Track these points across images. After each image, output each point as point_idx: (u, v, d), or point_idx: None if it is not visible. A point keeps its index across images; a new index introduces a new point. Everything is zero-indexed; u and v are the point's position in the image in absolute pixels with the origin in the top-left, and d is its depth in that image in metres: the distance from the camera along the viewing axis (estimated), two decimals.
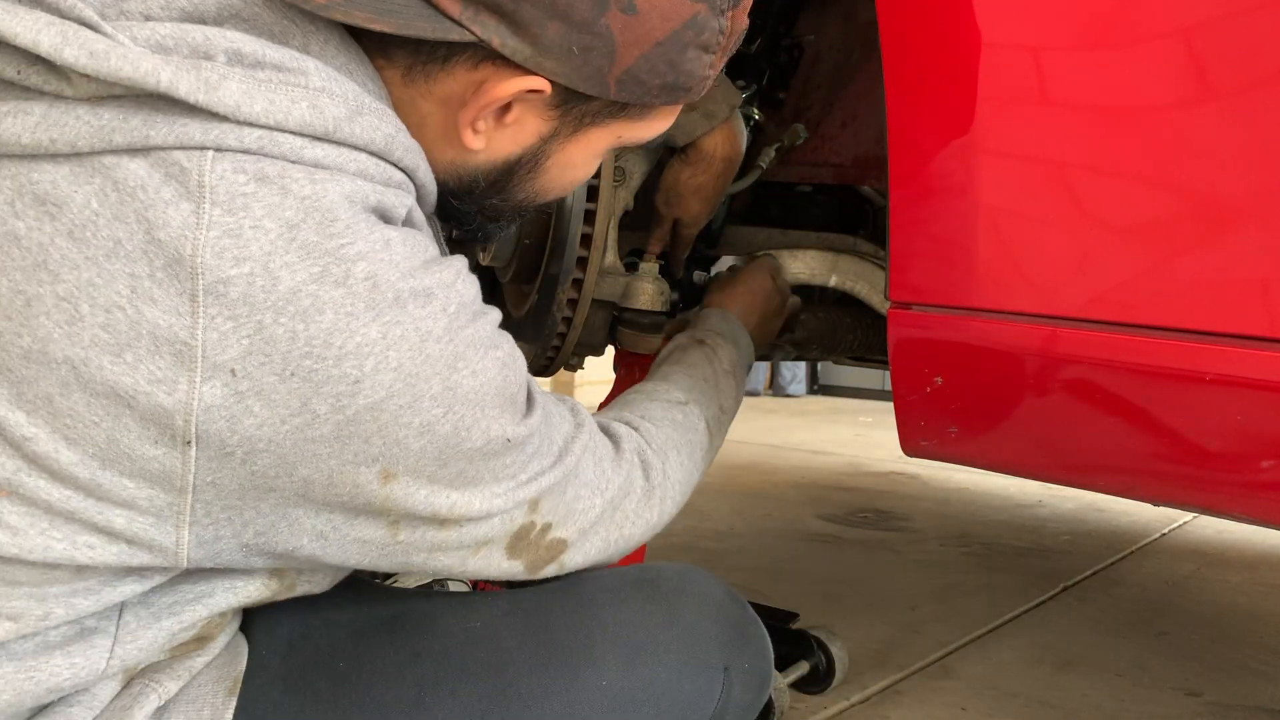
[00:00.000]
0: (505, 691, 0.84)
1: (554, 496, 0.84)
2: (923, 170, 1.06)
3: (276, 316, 0.63)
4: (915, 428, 1.19)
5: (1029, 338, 1.04)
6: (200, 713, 0.79)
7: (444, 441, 0.71)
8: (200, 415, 0.63)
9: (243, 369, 0.63)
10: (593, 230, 1.27)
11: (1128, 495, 1.22)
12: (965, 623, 2.13)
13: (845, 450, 4.60)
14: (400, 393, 0.67)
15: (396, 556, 0.77)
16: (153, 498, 0.66)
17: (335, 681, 0.84)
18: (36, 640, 0.71)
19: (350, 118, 0.68)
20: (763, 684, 0.95)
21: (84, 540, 0.67)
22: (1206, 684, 1.85)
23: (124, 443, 0.64)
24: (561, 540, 0.86)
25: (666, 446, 1.01)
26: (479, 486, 0.76)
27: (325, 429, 0.66)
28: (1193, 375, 0.95)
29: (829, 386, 7.75)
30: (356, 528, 0.73)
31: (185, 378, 0.63)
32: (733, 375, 1.20)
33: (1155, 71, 0.94)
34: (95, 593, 0.71)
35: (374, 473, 0.69)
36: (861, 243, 1.48)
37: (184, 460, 0.65)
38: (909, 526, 3.06)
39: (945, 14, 1.03)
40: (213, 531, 0.69)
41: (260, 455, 0.66)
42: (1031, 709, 1.70)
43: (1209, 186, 0.93)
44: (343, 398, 0.65)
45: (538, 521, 0.83)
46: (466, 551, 0.80)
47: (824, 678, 1.70)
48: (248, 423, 0.64)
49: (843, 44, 1.53)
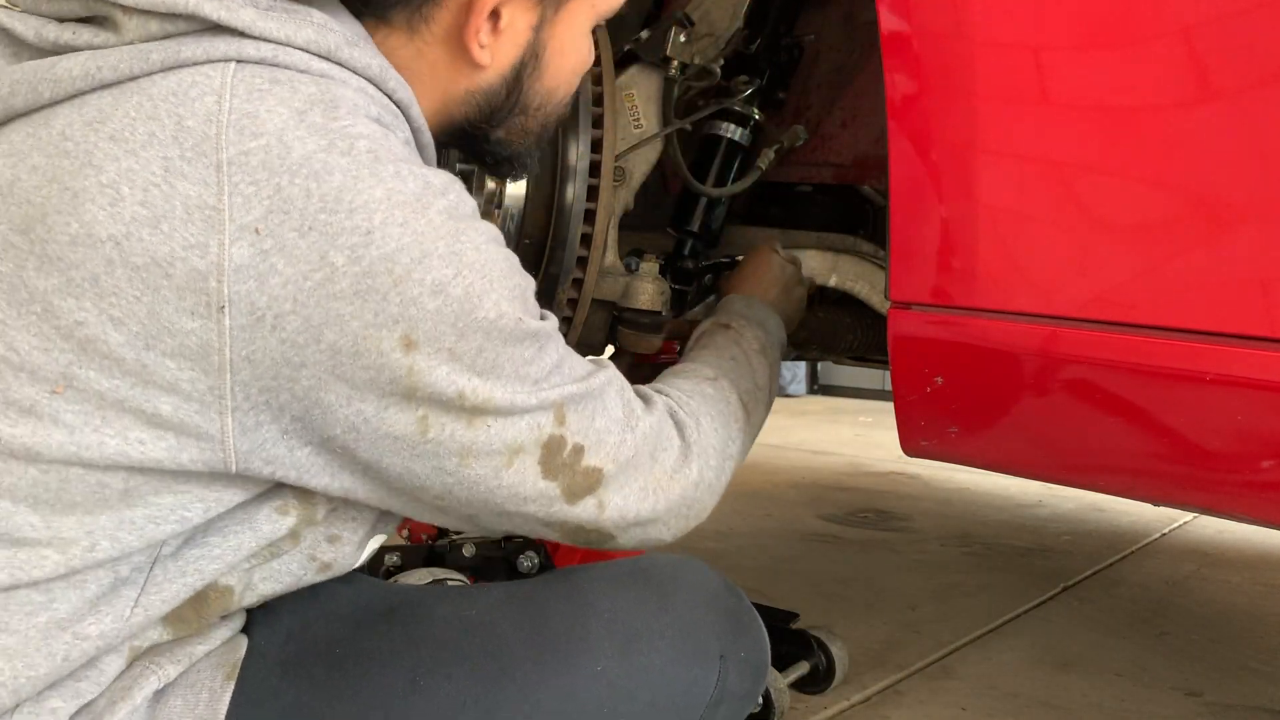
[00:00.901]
0: (500, 677, 0.85)
1: (579, 412, 0.84)
2: (923, 170, 1.06)
3: (292, 179, 0.70)
4: (915, 428, 1.19)
5: (1029, 338, 1.04)
6: (199, 695, 0.81)
7: (458, 305, 0.74)
8: (231, 275, 0.69)
9: (265, 227, 0.69)
10: (593, 230, 1.27)
11: (1128, 495, 1.22)
12: (965, 623, 2.13)
13: (845, 450, 4.60)
14: (409, 247, 0.72)
15: (428, 461, 0.78)
16: (194, 380, 0.71)
17: (331, 667, 0.85)
18: (75, 598, 0.74)
19: (349, 45, 0.78)
20: (759, 674, 0.95)
21: (135, 435, 0.71)
22: (1206, 684, 1.85)
23: (164, 315, 0.69)
24: (597, 470, 0.86)
25: (699, 411, 1.01)
26: (500, 376, 0.78)
27: (344, 284, 0.71)
28: (1193, 375, 0.95)
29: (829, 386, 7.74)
30: (386, 419, 0.75)
31: (215, 240, 0.69)
32: (763, 355, 1.19)
33: (1155, 71, 0.94)
34: (139, 528, 0.74)
35: (395, 338, 0.73)
36: (861, 243, 1.48)
37: (219, 330, 0.70)
38: (909, 526, 3.06)
39: (945, 14, 1.03)
40: (254, 418, 0.73)
41: (288, 319, 0.70)
42: (1031, 709, 1.70)
43: (1209, 186, 0.93)
44: (357, 248, 0.71)
45: (567, 438, 0.83)
46: (499, 461, 0.80)
47: (824, 678, 1.70)
48: (274, 281, 0.70)
49: (843, 44, 1.53)
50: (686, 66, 1.39)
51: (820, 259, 1.46)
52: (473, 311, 0.75)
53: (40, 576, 0.73)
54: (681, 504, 0.94)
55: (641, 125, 1.40)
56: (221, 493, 0.77)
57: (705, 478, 0.97)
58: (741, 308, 1.26)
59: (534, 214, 1.32)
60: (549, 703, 0.84)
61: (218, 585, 0.81)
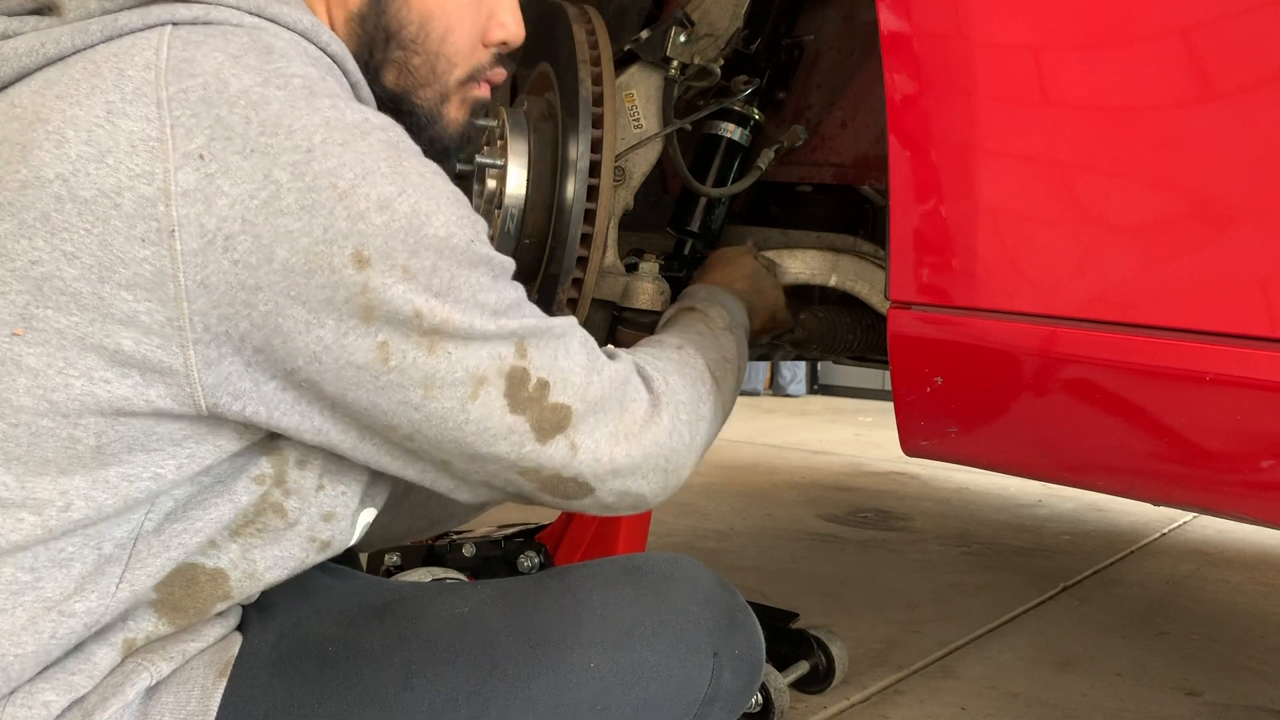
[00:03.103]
0: (492, 673, 0.85)
1: (541, 348, 0.84)
2: (923, 170, 1.06)
3: (231, 109, 0.71)
4: (915, 428, 1.19)
5: (1029, 337, 1.04)
6: (190, 692, 0.81)
7: (406, 221, 0.75)
8: (178, 199, 0.70)
9: (209, 153, 0.71)
10: (593, 230, 1.27)
11: (1127, 495, 1.22)
12: (965, 623, 2.13)
13: (845, 450, 4.60)
14: (351, 163, 0.73)
15: (393, 394, 0.78)
16: (152, 311, 0.71)
17: (324, 664, 0.85)
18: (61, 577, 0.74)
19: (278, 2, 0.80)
20: (754, 671, 0.95)
21: (100, 375, 0.71)
22: (1206, 684, 1.85)
23: (116, 245, 0.70)
24: (565, 407, 0.86)
25: (666, 369, 1.01)
26: (458, 300, 0.78)
27: (290, 199, 0.71)
28: (1193, 375, 0.95)
29: (829, 386, 7.75)
30: (347, 347, 0.75)
31: (160, 167, 0.70)
32: (729, 331, 1.20)
33: (1155, 71, 0.94)
34: (114, 487, 0.74)
35: (347, 254, 0.73)
36: (861, 243, 1.48)
37: (171, 256, 0.70)
38: (909, 526, 3.06)
39: (945, 14, 1.03)
40: (215, 350, 0.73)
41: (238, 239, 0.71)
42: (1031, 709, 1.71)
43: (1209, 186, 0.93)
44: (299, 165, 0.72)
45: (530, 371, 0.83)
46: (464, 391, 0.80)
47: (824, 677, 1.70)
48: (221, 202, 0.70)
49: (843, 44, 1.53)
50: (686, 66, 1.39)
51: (820, 259, 1.46)
52: (421, 228, 0.75)
53: (19, 541, 0.73)
54: (657, 454, 0.94)
55: (641, 125, 1.40)
56: (195, 448, 0.77)
57: (678, 430, 0.96)
58: (704, 294, 1.27)
59: (534, 214, 1.32)
60: (541, 699, 0.84)
61: (207, 568, 0.81)
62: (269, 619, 0.89)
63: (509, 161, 1.31)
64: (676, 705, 0.89)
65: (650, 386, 0.97)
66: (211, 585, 0.82)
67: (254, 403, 0.76)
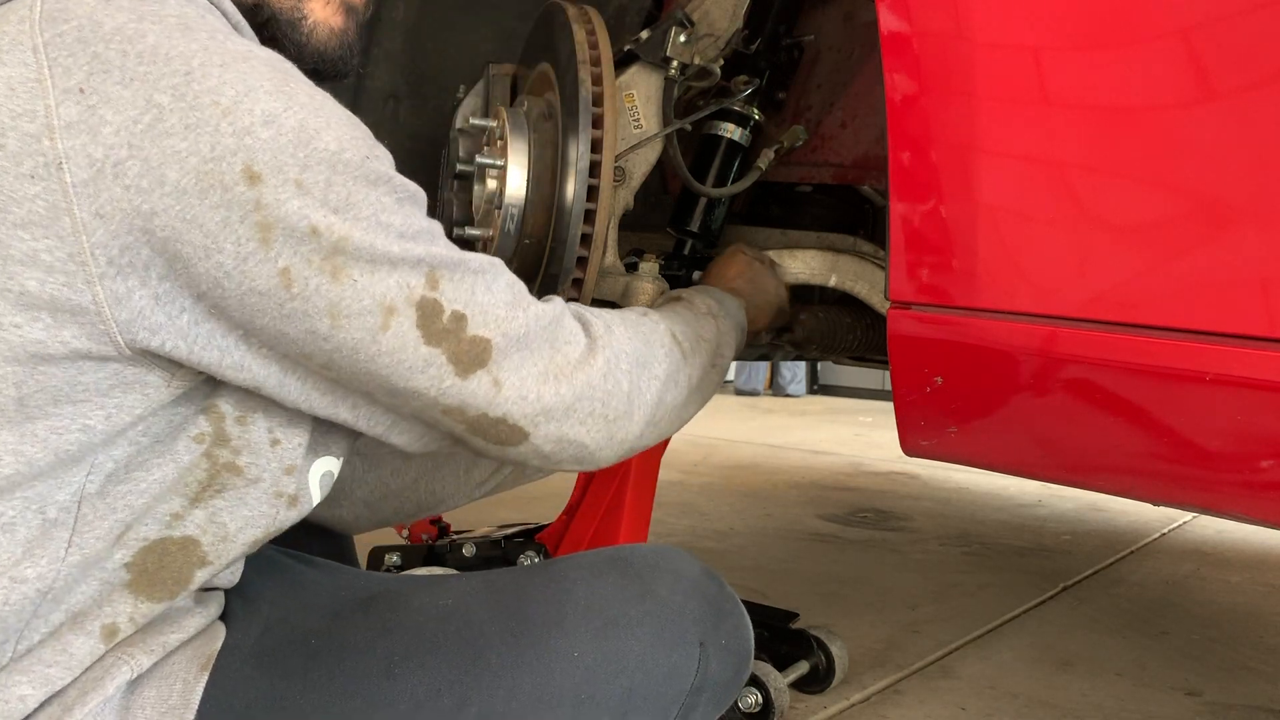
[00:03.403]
0: (475, 663, 0.84)
1: (455, 282, 0.83)
2: (923, 170, 1.06)
3: (107, 45, 0.71)
4: (915, 428, 1.20)
5: (1029, 337, 1.04)
6: (172, 686, 0.80)
7: (294, 135, 0.74)
8: (62, 132, 0.69)
9: (89, 85, 0.70)
10: (592, 230, 1.27)
11: (1127, 495, 1.22)
12: (965, 623, 2.13)
13: (845, 450, 4.60)
14: (232, 81, 0.72)
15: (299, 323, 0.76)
16: (51, 248, 0.70)
17: (307, 657, 0.85)
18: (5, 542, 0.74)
19: None
20: (742, 662, 0.95)
21: (9, 320, 0.71)
22: (1206, 684, 1.85)
23: (5, 185, 0.69)
24: (484, 340, 0.84)
25: (611, 320, 0.99)
26: (357, 217, 0.76)
27: (174, 120, 0.71)
28: (1193, 375, 0.95)
29: (829, 386, 7.75)
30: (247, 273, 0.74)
31: (41, 104, 0.69)
32: (712, 317, 1.18)
33: (1155, 71, 0.94)
34: (42, 439, 0.73)
35: (237, 170, 0.72)
36: (861, 243, 1.48)
37: (62, 189, 0.69)
38: (909, 526, 3.06)
39: (945, 14, 1.03)
40: (122, 284, 0.72)
41: (127, 165, 0.70)
42: (1031, 709, 1.71)
43: (1209, 186, 0.93)
44: (179, 87, 0.71)
45: (443, 303, 0.82)
46: (373, 321, 0.78)
47: (824, 677, 1.70)
48: (105, 131, 0.70)
49: (843, 44, 1.53)
50: (686, 66, 1.39)
51: (820, 259, 1.46)
52: (311, 141, 0.74)
53: None
54: (591, 396, 0.92)
55: (641, 125, 1.40)
56: (121, 397, 0.76)
57: (615, 375, 0.94)
58: (694, 288, 1.27)
59: (534, 214, 1.32)
60: (525, 688, 0.84)
61: (175, 538, 0.80)
62: (253, 613, 0.89)
63: (509, 161, 1.31)
64: (663, 695, 0.88)
65: (588, 330, 0.95)
66: (184, 554, 0.81)
67: (172, 336, 0.75)
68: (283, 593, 0.91)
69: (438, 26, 1.80)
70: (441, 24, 1.80)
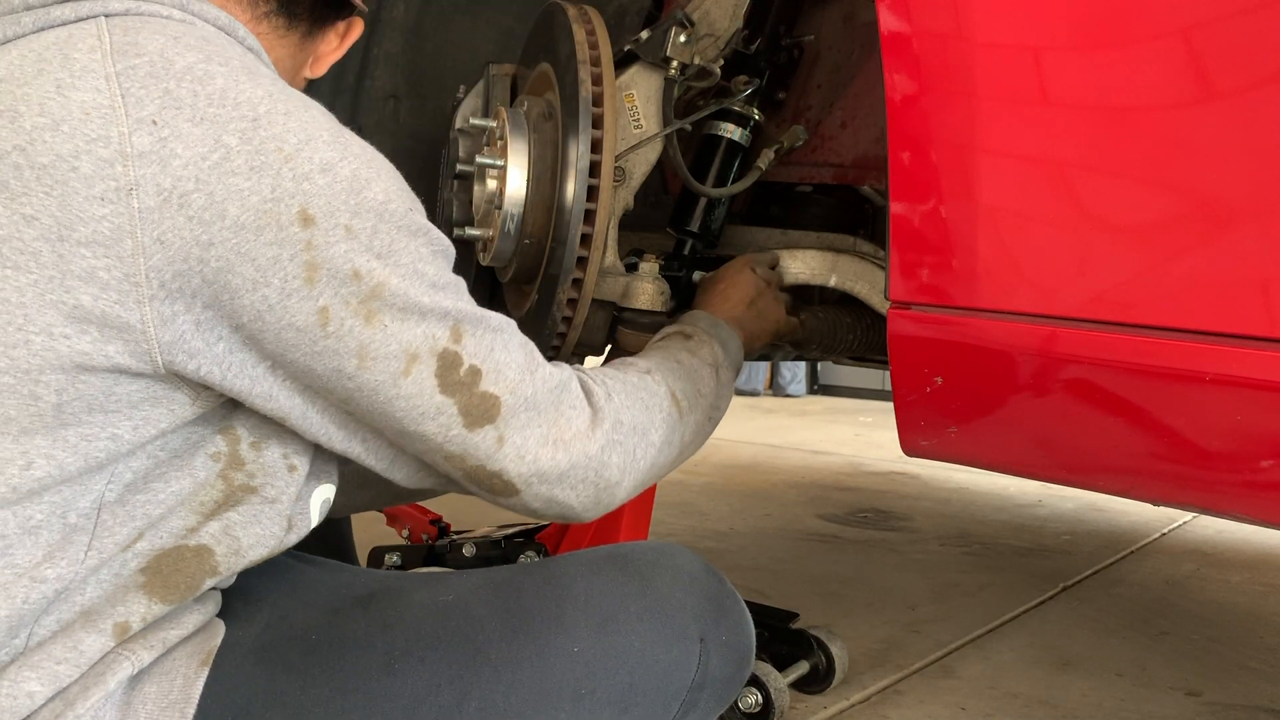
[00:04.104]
0: (475, 658, 0.85)
1: (477, 337, 0.87)
2: (922, 170, 1.06)
3: (178, 83, 0.76)
4: (915, 428, 1.19)
5: (1029, 337, 1.04)
6: (173, 681, 0.82)
7: (347, 184, 0.79)
8: (135, 160, 0.73)
9: (161, 119, 0.74)
10: (593, 230, 1.27)
11: (1127, 495, 1.22)
12: (965, 623, 2.13)
13: (845, 450, 4.60)
14: (295, 130, 0.78)
15: (328, 361, 0.81)
16: (110, 267, 0.74)
17: (306, 653, 0.86)
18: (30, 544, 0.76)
19: (194, 1, 0.84)
20: (743, 659, 0.95)
21: (60, 330, 0.74)
22: (1206, 684, 1.85)
23: (75, 205, 0.73)
24: (494, 397, 0.88)
25: (614, 388, 1.02)
26: (397, 264, 0.82)
27: (239, 161, 0.76)
28: (1193, 375, 0.95)
29: (829, 386, 7.75)
30: (289, 308, 0.78)
31: (116, 131, 0.73)
32: (714, 370, 1.20)
33: (1155, 71, 0.94)
34: (73, 445, 0.76)
35: (294, 212, 0.77)
36: (861, 243, 1.48)
37: (129, 213, 0.73)
38: (909, 526, 3.06)
39: (945, 14, 1.03)
40: (169, 307, 0.76)
41: (193, 196, 0.75)
42: (1031, 709, 1.71)
43: (1209, 186, 0.93)
44: (246, 131, 0.76)
45: (463, 356, 0.86)
46: (397, 366, 0.83)
47: (824, 677, 1.70)
48: (175, 164, 0.74)
49: (843, 44, 1.53)
50: (686, 67, 1.39)
51: (820, 259, 1.46)
52: (362, 191, 0.80)
53: None
54: (586, 466, 0.95)
55: (641, 125, 1.40)
56: (150, 411, 0.79)
57: (614, 447, 0.97)
58: (706, 324, 1.27)
59: (534, 214, 1.32)
60: (524, 683, 0.85)
61: (191, 546, 0.83)
62: (255, 610, 0.90)
63: (509, 161, 1.31)
64: (664, 690, 0.89)
65: (591, 400, 0.98)
66: (198, 562, 0.83)
67: (207, 362, 0.78)
68: (283, 591, 0.93)
69: (438, 26, 1.80)
70: (441, 24, 1.80)
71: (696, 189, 1.46)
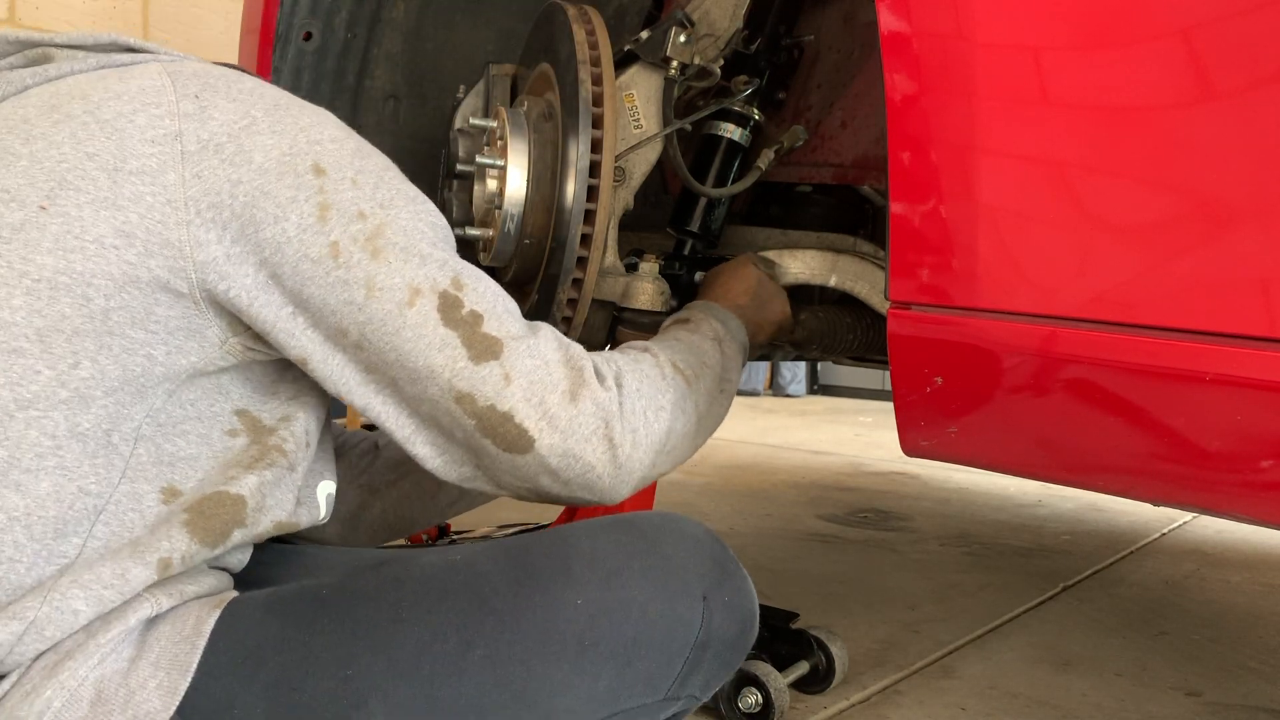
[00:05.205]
0: (481, 609, 0.87)
1: (475, 286, 0.95)
2: (922, 170, 1.06)
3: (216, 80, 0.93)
4: (915, 428, 1.20)
5: (1029, 338, 1.04)
6: (185, 620, 0.87)
7: (353, 152, 0.94)
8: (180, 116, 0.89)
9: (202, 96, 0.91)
10: (593, 230, 1.27)
11: (1127, 495, 1.22)
12: (965, 623, 2.13)
13: (845, 450, 4.60)
14: (310, 112, 0.94)
15: (340, 292, 0.90)
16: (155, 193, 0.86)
17: (317, 604, 0.90)
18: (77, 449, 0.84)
19: None
20: (747, 621, 0.96)
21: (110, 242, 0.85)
22: (1206, 684, 1.85)
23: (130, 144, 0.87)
24: (496, 339, 0.95)
25: (613, 358, 1.05)
26: (399, 214, 0.93)
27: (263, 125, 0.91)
28: (1193, 375, 0.95)
29: (829, 386, 7.75)
30: (305, 242, 0.89)
31: (166, 99, 0.90)
32: (717, 342, 1.22)
33: (1155, 71, 0.94)
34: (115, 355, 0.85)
35: (308, 163, 0.90)
36: (861, 243, 1.48)
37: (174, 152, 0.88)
38: (909, 526, 3.06)
39: (945, 14, 1.03)
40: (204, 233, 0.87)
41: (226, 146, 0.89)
42: (1031, 709, 1.71)
43: (1209, 186, 0.93)
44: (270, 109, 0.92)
45: (464, 300, 0.94)
46: (401, 297, 0.91)
47: (824, 678, 1.70)
48: (212, 124, 0.89)
49: (843, 44, 1.53)
50: (686, 67, 1.39)
51: (820, 259, 1.46)
52: (367, 158, 0.94)
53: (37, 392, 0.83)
54: (596, 415, 0.98)
55: (641, 125, 1.40)
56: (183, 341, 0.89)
57: (625, 405, 1.01)
58: (700, 308, 1.29)
59: (534, 214, 1.32)
60: (529, 632, 0.86)
61: (230, 493, 0.91)
62: (267, 580, 0.96)
63: (509, 161, 1.31)
64: (668, 646, 0.90)
65: (594, 362, 1.01)
66: (234, 508, 0.91)
67: (235, 286, 0.89)
68: (294, 564, 1.00)
69: (438, 26, 1.80)
70: (441, 24, 1.80)
71: (696, 189, 1.46)
